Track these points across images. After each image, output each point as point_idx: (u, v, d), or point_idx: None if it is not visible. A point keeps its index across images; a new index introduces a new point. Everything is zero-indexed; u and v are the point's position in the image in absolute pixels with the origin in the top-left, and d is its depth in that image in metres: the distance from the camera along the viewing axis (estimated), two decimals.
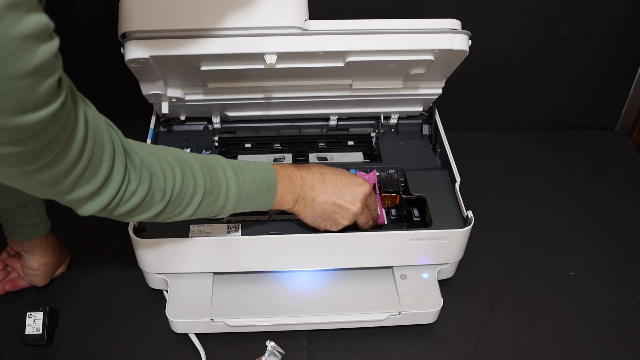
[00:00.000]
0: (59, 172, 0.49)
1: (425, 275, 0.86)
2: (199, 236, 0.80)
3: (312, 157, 0.99)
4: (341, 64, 0.80)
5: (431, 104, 0.99)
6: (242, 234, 0.80)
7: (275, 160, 0.98)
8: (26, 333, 0.81)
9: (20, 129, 0.41)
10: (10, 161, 0.44)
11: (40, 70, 0.40)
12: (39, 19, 0.39)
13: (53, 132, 0.45)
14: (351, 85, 0.89)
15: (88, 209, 0.56)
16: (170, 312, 0.81)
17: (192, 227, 0.81)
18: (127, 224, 0.78)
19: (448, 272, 0.89)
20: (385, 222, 0.89)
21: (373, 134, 1.02)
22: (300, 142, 1.01)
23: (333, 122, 1.01)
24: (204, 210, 0.66)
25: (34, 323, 0.81)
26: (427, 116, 1.02)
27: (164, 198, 0.61)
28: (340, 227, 0.78)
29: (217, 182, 0.66)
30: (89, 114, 0.51)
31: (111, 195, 0.55)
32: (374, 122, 1.02)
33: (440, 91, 0.93)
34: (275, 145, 1.01)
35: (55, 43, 0.41)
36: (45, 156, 0.46)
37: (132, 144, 0.59)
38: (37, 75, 0.40)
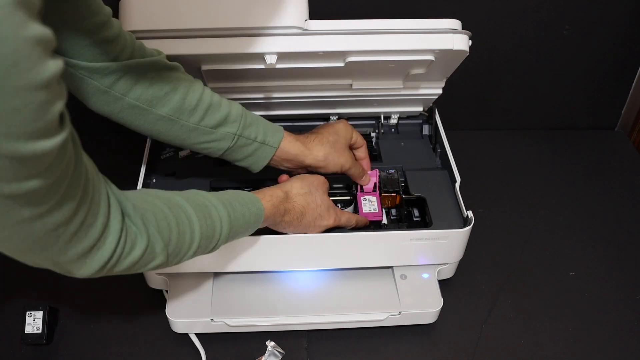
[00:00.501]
0: (60, 219, 0.46)
1: (425, 275, 0.86)
2: None
3: None
4: (341, 64, 0.80)
5: (431, 104, 0.99)
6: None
7: None
8: (26, 332, 0.81)
9: (33, 159, 0.39)
10: (20, 202, 0.42)
11: (51, 86, 0.39)
12: (46, 29, 0.38)
13: (59, 168, 0.43)
14: (351, 85, 0.89)
15: (88, 268, 0.52)
16: (170, 312, 0.81)
17: None
18: None
19: (448, 272, 0.89)
20: (385, 222, 0.89)
21: (373, 134, 1.02)
22: None
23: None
24: (200, 253, 0.64)
25: (34, 322, 0.81)
26: (427, 116, 1.02)
27: (163, 249, 0.58)
28: None
29: (212, 224, 0.64)
30: (87, 159, 0.50)
31: (111, 249, 0.52)
32: (374, 122, 1.02)
33: (440, 91, 0.93)
34: None
35: (61, 63, 0.40)
36: (51, 197, 0.44)
37: (125, 194, 0.57)
38: (49, 91, 0.38)
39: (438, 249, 0.83)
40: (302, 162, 0.81)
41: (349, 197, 0.91)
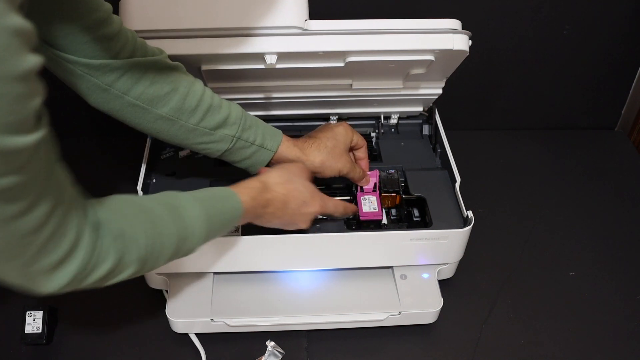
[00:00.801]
0: (32, 225, 0.45)
1: (425, 275, 0.86)
2: None
3: None
4: (341, 64, 0.80)
5: (431, 104, 0.99)
6: (242, 234, 0.80)
7: None
8: (26, 332, 0.81)
9: (7, 154, 0.39)
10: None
11: (30, 80, 0.39)
12: (26, 22, 0.38)
13: (33, 169, 0.43)
14: (351, 85, 0.89)
15: (56, 282, 0.50)
16: (170, 312, 0.81)
17: None
18: None
19: (448, 272, 0.89)
20: (385, 222, 0.89)
21: (373, 134, 1.02)
22: None
23: (333, 122, 1.01)
24: (176, 256, 0.62)
25: (34, 322, 0.81)
26: (427, 116, 1.02)
27: (134, 259, 0.56)
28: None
29: (187, 225, 0.61)
30: (62, 169, 0.49)
31: (80, 262, 0.50)
32: (374, 122, 1.02)
33: (440, 91, 0.93)
34: None
35: (41, 59, 0.40)
36: (24, 198, 0.43)
37: (98, 203, 0.55)
38: (27, 84, 0.39)
39: (438, 249, 0.83)
40: None
41: (349, 197, 0.91)
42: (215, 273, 0.86)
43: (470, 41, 0.79)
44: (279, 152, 0.79)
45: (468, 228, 0.81)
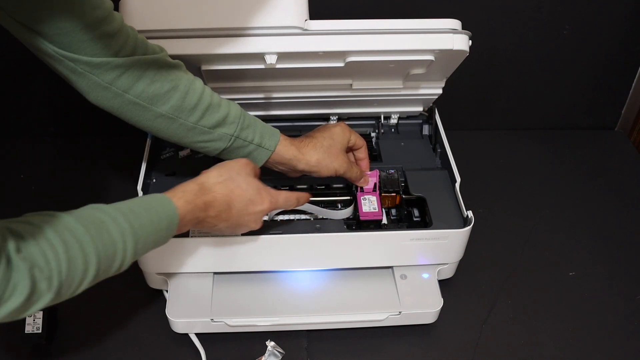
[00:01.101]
0: None
1: (425, 275, 0.86)
2: (199, 236, 0.80)
3: None
4: (341, 64, 0.80)
5: (431, 104, 0.99)
6: (242, 234, 0.80)
7: None
8: (26, 332, 0.81)
9: None
10: None
11: None
12: None
13: None
14: (351, 85, 0.89)
15: None
16: (170, 312, 0.81)
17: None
18: None
19: (448, 272, 0.89)
20: (385, 222, 0.89)
21: (373, 134, 1.02)
22: None
23: (333, 122, 1.01)
24: (103, 275, 0.58)
25: (34, 322, 0.81)
26: (427, 116, 1.02)
27: (51, 285, 0.52)
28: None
29: (111, 241, 0.57)
30: None
31: None
32: (374, 122, 1.02)
33: (440, 91, 0.93)
34: None
35: None
36: None
37: (10, 227, 0.51)
38: None
39: (438, 249, 0.83)
40: (295, 166, 0.80)
41: (349, 197, 0.91)
42: (215, 273, 0.86)
43: (470, 41, 0.79)
44: (276, 151, 0.79)
45: (468, 228, 0.81)
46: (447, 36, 0.77)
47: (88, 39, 0.61)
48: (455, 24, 0.78)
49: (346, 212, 0.88)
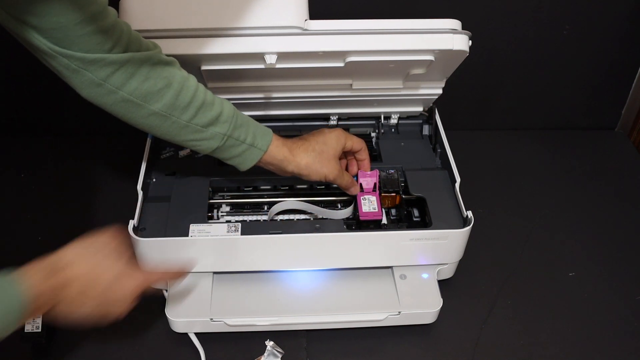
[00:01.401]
0: None
1: (425, 276, 0.86)
2: (198, 236, 0.80)
3: None
4: (341, 64, 0.80)
5: (431, 104, 0.99)
6: (242, 234, 0.80)
7: None
8: (26, 332, 0.81)
9: None
10: None
11: None
12: None
13: None
14: (351, 85, 0.89)
15: None
16: (170, 311, 0.81)
17: (192, 227, 0.81)
18: (127, 222, 0.78)
19: (448, 272, 0.89)
20: (385, 222, 0.89)
21: (373, 134, 1.02)
22: None
23: (333, 122, 1.01)
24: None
25: (34, 321, 0.81)
26: (427, 116, 1.02)
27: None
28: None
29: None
30: None
31: None
32: (374, 122, 1.02)
33: (440, 91, 0.93)
34: None
35: None
36: None
37: None
38: None
39: (438, 249, 0.83)
40: (284, 167, 0.80)
41: (348, 197, 0.91)
42: (214, 273, 0.86)
43: (470, 41, 0.79)
44: (268, 151, 0.79)
45: (468, 228, 0.81)
46: (447, 36, 0.77)
47: (82, 34, 0.61)
48: (455, 24, 0.78)
49: (346, 212, 0.88)
